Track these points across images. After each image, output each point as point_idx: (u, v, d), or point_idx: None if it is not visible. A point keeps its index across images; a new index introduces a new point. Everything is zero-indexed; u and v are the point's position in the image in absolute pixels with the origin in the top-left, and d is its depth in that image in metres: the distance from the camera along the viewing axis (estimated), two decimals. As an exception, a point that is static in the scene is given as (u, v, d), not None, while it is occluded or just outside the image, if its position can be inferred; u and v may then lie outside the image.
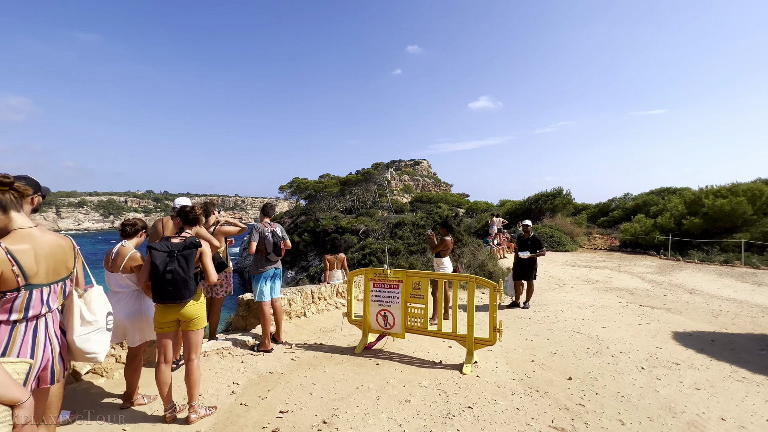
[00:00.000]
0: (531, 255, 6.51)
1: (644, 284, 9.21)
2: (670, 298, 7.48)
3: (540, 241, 6.51)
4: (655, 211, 19.91)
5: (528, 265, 6.53)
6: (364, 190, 57.78)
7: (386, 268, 4.18)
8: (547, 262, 13.51)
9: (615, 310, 6.42)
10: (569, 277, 10.40)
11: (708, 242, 15.38)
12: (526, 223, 6.71)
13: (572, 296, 7.67)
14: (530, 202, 25.98)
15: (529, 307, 6.48)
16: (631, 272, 11.24)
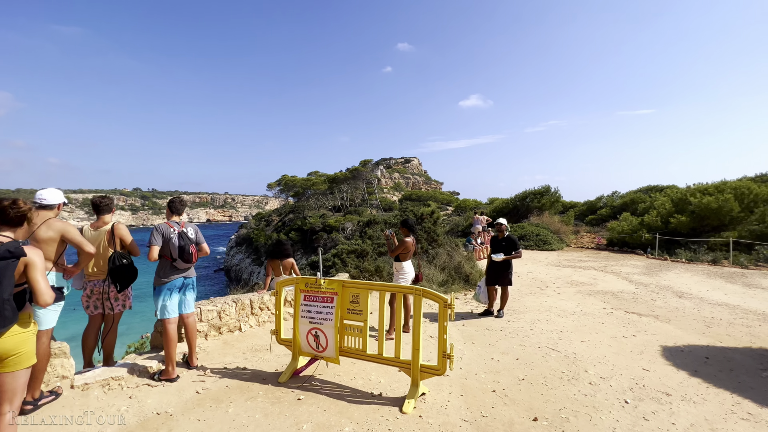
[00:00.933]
0: (505, 257, 5.81)
1: (631, 287, 8.62)
2: (657, 303, 6.87)
3: (515, 241, 5.84)
4: (642, 210, 19.51)
5: (502, 268, 5.84)
6: (352, 187, 56.94)
7: (319, 277, 3.41)
8: (531, 262, 12.92)
9: (598, 318, 5.77)
10: (552, 278, 9.78)
11: (695, 241, 14.96)
12: (499, 222, 6.00)
13: (553, 301, 7.01)
14: (517, 199, 25.52)
15: (502, 316, 5.79)
16: (617, 273, 10.69)
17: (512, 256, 5.79)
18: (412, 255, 4.92)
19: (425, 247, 8.41)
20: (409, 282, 4.84)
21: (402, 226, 4.91)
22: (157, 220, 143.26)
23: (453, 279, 7.77)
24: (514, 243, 5.79)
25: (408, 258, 4.81)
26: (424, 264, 7.98)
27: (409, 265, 4.83)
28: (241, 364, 3.77)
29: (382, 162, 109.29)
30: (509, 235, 5.84)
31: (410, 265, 4.84)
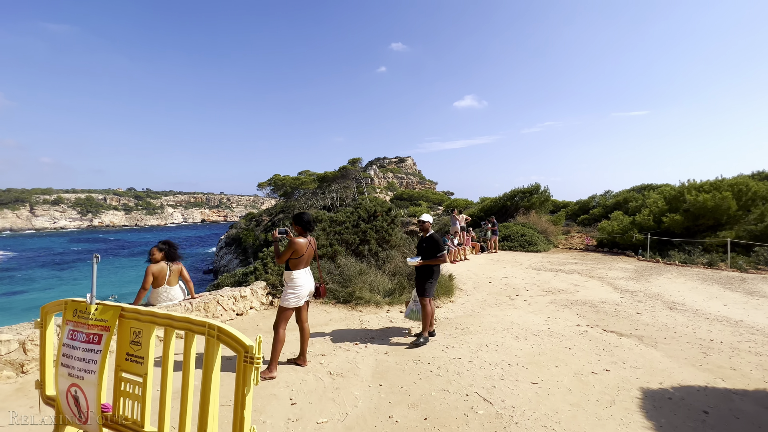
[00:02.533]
0: (422, 262, 4.55)
1: (615, 295, 7.39)
2: (644, 317, 5.64)
3: (438, 242, 4.53)
4: (633, 208, 18.36)
5: (421, 276, 4.58)
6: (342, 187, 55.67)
7: (88, 299, 2.12)
8: (511, 265, 11.70)
9: (567, 340, 4.52)
10: (528, 284, 8.55)
11: (690, 242, 13.80)
12: (422, 219, 4.69)
13: (519, 315, 5.77)
14: (506, 198, 24.36)
15: (423, 342, 4.35)
16: (602, 278, 9.47)
17: (431, 261, 4.50)
18: (309, 261, 3.65)
19: (374, 249, 7.14)
20: (304, 297, 3.58)
21: (294, 222, 3.64)
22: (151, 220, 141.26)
23: (403, 287, 6.51)
24: (437, 244, 4.49)
25: (302, 265, 3.54)
26: (371, 270, 6.72)
27: (303, 276, 3.55)
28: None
29: (376, 161, 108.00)
30: (432, 235, 4.55)
31: (305, 276, 3.56)
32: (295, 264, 3.50)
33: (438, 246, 4.46)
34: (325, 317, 5.30)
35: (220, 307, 4.79)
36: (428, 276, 4.51)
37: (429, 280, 4.49)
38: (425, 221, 4.61)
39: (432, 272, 4.51)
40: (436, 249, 4.46)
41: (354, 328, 4.93)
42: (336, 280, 6.23)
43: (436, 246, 4.47)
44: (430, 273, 4.50)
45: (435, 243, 4.48)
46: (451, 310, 6.13)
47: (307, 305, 3.74)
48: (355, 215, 7.72)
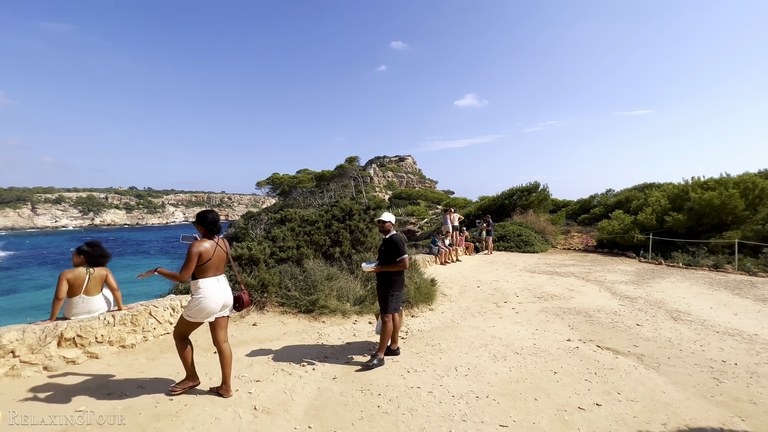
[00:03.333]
0: (377, 268, 3.86)
1: (613, 302, 6.71)
2: (645, 330, 4.96)
3: (397, 245, 3.81)
4: (635, 207, 17.64)
5: (381, 286, 3.90)
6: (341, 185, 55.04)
7: None
8: (504, 267, 11.03)
9: (554, 361, 3.86)
10: (519, 289, 7.88)
11: (694, 242, 13.10)
12: (381, 219, 4.01)
13: (503, 327, 5.10)
14: (504, 197, 23.68)
15: (376, 365, 3.63)
16: (600, 281, 8.79)
17: (388, 267, 3.80)
18: (221, 267, 2.99)
19: (347, 252, 6.48)
20: (215, 311, 2.92)
21: (197, 222, 2.97)
22: (152, 219, 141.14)
23: (376, 295, 5.84)
24: (395, 248, 3.79)
25: (210, 273, 2.88)
26: (342, 275, 6.06)
27: (212, 286, 2.88)
28: None
29: (376, 160, 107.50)
30: (391, 237, 3.88)
31: (214, 285, 2.89)
32: (202, 272, 2.84)
33: (397, 249, 3.78)
34: (278, 330, 4.64)
35: (153, 319, 4.15)
36: (388, 286, 3.82)
37: (390, 292, 3.81)
38: (385, 221, 3.93)
39: (391, 282, 3.82)
40: (395, 253, 3.78)
41: (308, 343, 4.27)
42: (300, 286, 5.58)
43: (394, 249, 3.79)
44: (389, 283, 3.82)
45: (393, 246, 3.81)
46: (428, 320, 5.47)
47: (227, 321, 3.09)
48: (328, 214, 7.07)
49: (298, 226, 6.68)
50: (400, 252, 3.76)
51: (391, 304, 3.78)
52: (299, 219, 6.86)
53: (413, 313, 5.77)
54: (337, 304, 5.37)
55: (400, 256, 3.75)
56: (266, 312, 5.17)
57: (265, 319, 4.94)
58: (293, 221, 6.76)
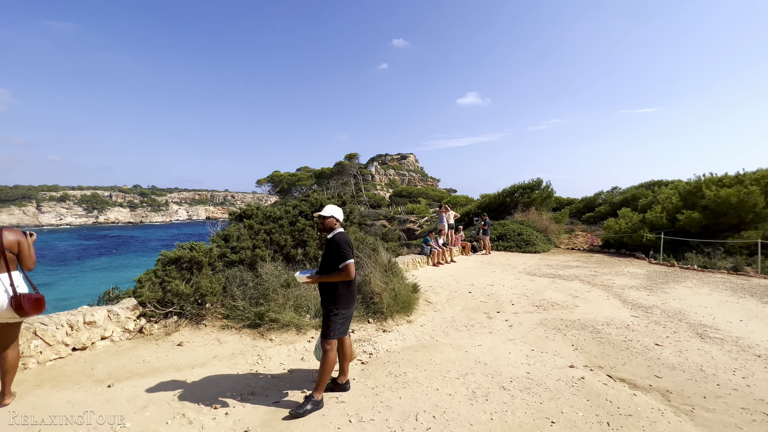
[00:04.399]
0: (313, 278, 2.91)
1: (624, 312, 5.76)
2: (667, 352, 4.01)
3: (339, 247, 2.86)
4: (643, 205, 16.60)
5: (323, 301, 2.94)
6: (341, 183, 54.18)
7: None
8: (502, 269, 10.09)
9: (552, 401, 2.93)
10: (516, 295, 6.94)
11: (709, 242, 12.07)
12: (322, 213, 2.97)
13: (491, 346, 4.17)
14: (505, 194, 22.66)
15: (311, 411, 2.70)
16: (608, 286, 7.82)
17: (328, 277, 2.86)
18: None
19: (313, 253, 5.55)
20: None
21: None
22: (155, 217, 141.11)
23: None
24: (337, 251, 2.85)
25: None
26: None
27: None
28: None
29: (377, 158, 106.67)
30: (335, 236, 2.92)
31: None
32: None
33: (339, 253, 2.84)
34: (209, 352, 3.73)
35: (40, 340, 3.25)
36: (331, 302, 2.88)
37: (333, 310, 2.86)
38: (326, 216, 2.98)
39: (336, 297, 2.87)
40: (338, 257, 2.85)
41: (239, 371, 3.36)
42: (249, 295, 4.66)
43: (336, 253, 2.86)
44: (333, 298, 2.88)
45: (335, 249, 2.87)
46: (403, 336, 4.54)
47: (6, 330, 2.34)
48: (296, 210, 6.15)
49: (259, 223, 5.76)
50: (343, 256, 2.83)
51: (334, 327, 2.84)
52: (262, 215, 5.95)
53: (386, 326, 4.85)
54: (293, 317, 4.45)
55: (344, 261, 2.82)
56: (203, 327, 4.27)
57: (197, 337, 4.03)
58: (254, 217, 5.84)
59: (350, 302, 2.93)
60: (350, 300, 2.93)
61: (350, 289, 2.93)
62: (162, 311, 4.08)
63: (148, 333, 3.90)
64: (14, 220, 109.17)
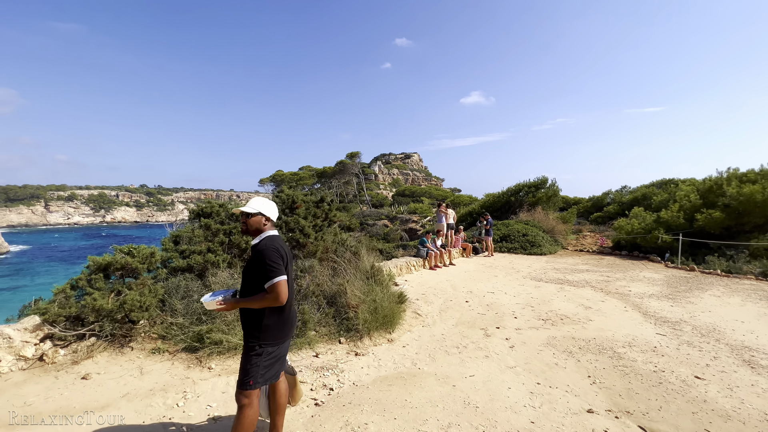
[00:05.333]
0: (232, 304, 2.04)
1: (647, 329, 4.85)
2: (713, 391, 3.12)
3: (265, 257, 1.99)
4: (657, 204, 15.59)
5: (245, 332, 2.09)
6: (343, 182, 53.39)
7: None
8: (505, 273, 9.20)
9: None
10: (520, 305, 6.06)
11: (732, 244, 11.07)
12: (245, 210, 2.12)
13: (486, 378, 3.32)
14: (510, 193, 21.76)
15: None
16: (624, 294, 6.91)
17: (249, 300, 2.01)
18: None
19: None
20: None
21: None
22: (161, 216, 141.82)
23: (305, 322, 4.08)
24: (262, 263, 1.99)
25: None
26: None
27: None
28: None
29: (381, 157, 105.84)
30: (260, 242, 2.08)
31: None
32: None
33: (265, 267, 1.99)
34: (123, 386, 2.91)
35: None
36: (253, 335, 2.04)
37: (255, 347, 2.03)
38: (250, 213, 2.14)
39: (261, 328, 2.02)
40: (262, 273, 2.01)
41: (146, 420, 2.52)
42: (193, 309, 3.84)
43: (261, 267, 2.01)
44: (257, 330, 2.03)
45: (259, 261, 2.02)
46: (378, 361, 3.69)
47: None
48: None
49: (219, 222, 4.95)
50: (270, 272, 1.98)
51: (255, 371, 1.99)
52: (224, 214, 5.13)
53: (359, 347, 4.00)
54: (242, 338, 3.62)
55: (271, 279, 1.97)
56: (127, 352, 3.45)
57: (114, 366, 3.21)
58: (213, 216, 5.03)
59: (282, 335, 2.09)
60: (282, 332, 2.08)
61: (282, 318, 2.08)
62: (74, 332, 3.27)
63: (51, 361, 3.09)
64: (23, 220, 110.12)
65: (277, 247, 2.04)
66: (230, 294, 2.07)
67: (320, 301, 4.57)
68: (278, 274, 1.97)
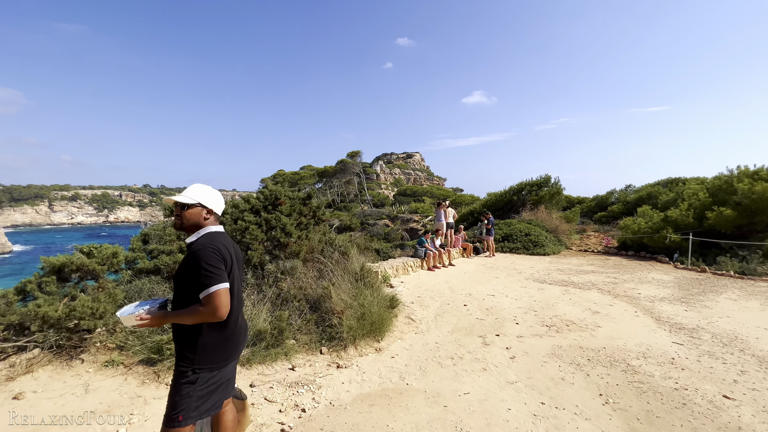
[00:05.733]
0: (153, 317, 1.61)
1: (661, 336, 4.42)
2: (747, 415, 2.68)
3: (201, 266, 1.55)
4: (664, 203, 15.10)
5: (176, 349, 1.67)
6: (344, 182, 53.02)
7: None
8: (506, 274, 8.77)
9: None
10: (522, 309, 5.64)
11: (744, 245, 10.59)
12: (179, 199, 1.66)
13: (482, 396, 2.91)
14: (512, 192, 21.28)
15: None
16: (634, 297, 6.47)
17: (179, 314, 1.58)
18: None
19: (259, 259, 4.32)
20: None
21: None
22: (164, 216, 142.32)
23: (282, 330, 3.68)
24: (196, 268, 1.56)
25: None
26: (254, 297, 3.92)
27: None
28: None
29: (383, 157, 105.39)
30: (197, 242, 1.65)
31: None
32: None
33: (199, 273, 1.58)
34: (61, 407, 2.51)
35: None
36: (185, 357, 1.64)
37: (186, 372, 1.62)
38: (188, 203, 1.70)
39: (196, 348, 1.62)
40: (195, 281, 1.60)
41: None
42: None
43: (194, 273, 1.60)
44: (190, 350, 1.63)
45: (193, 265, 1.60)
46: (362, 374, 3.28)
47: None
48: (246, 204, 4.93)
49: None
50: (205, 278, 1.57)
51: (187, 404, 1.59)
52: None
53: (342, 358, 3.59)
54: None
55: (206, 287, 1.56)
56: (76, 365, 3.05)
57: (57, 382, 2.82)
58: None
59: (224, 357, 1.68)
60: (225, 354, 1.67)
61: (225, 335, 1.67)
62: (13, 343, 2.88)
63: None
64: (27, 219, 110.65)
65: (218, 247, 1.63)
66: (157, 305, 1.66)
67: (302, 306, 4.16)
68: (216, 282, 1.56)
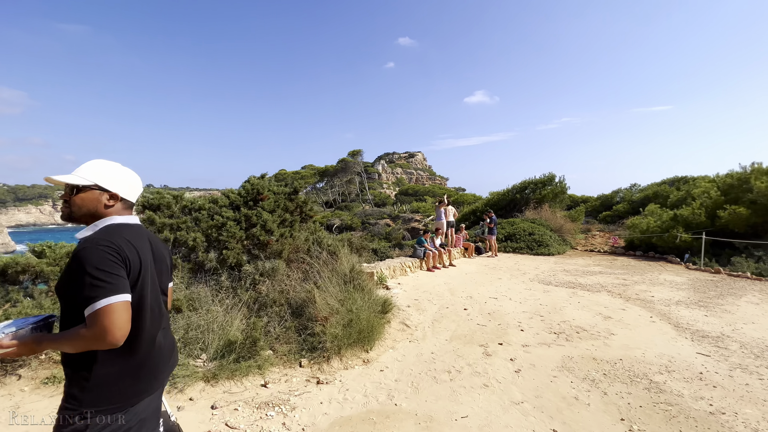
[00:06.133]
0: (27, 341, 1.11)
1: (684, 346, 3.96)
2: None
3: (85, 274, 1.08)
4: (673, 201, 14.60)
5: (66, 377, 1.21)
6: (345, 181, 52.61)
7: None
8: (509, 275, 8.33)
9: None
10: (527, 313, 5.19)
11: (759, 244, 10.10)
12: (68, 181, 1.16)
13: (484, 420, 2.46)
14: (515, 191, 20.81)
15: None
16: (647, 301, 6.00)
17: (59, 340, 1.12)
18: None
19: (236, 259, 3.90)
20: None
21: None
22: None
23: (255, 340, 3.25)
24: (80, 275, 1.09)
25: None
26: (217, 300, 3.50)
27: None
28: None
29: (385, 156, 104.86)
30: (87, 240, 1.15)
31: None
32: None
33: (83, 278, 1.11)
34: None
35: None
36: (72, 395, 1.16)
37: (71, 414, 1.12)
38: (80, 185, 1.26)
39: (84, 384, 1.15)
40: (79, 293, 1.11)
41: None
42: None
43: (78, 283, 1.12)
44: (78, 385, 1.16)
45: (77, 272, 1.12)
46: (345, 391, 2.85)
47: None
48: (225, 200, 4.51)
49: (168, 216, 4.13)
50: (89, 290, 1.10)
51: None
52: (177, 207, 4.31)
53: (323, 372, 3.15)
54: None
55: (91, 302, 1.10)
56: (13, 381, 2.63)
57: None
58: (162, 209, 4.21)
59: (133, 394, 1.22)
60: (133, 388, 1.22)
61: (135, 363, 1.22)
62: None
63: None
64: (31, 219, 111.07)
65: (116, 244, 1.17)
66: (29, 326, 1.21)
67: (283, 311, 3.73)
68: (107, 293, 1.10)
